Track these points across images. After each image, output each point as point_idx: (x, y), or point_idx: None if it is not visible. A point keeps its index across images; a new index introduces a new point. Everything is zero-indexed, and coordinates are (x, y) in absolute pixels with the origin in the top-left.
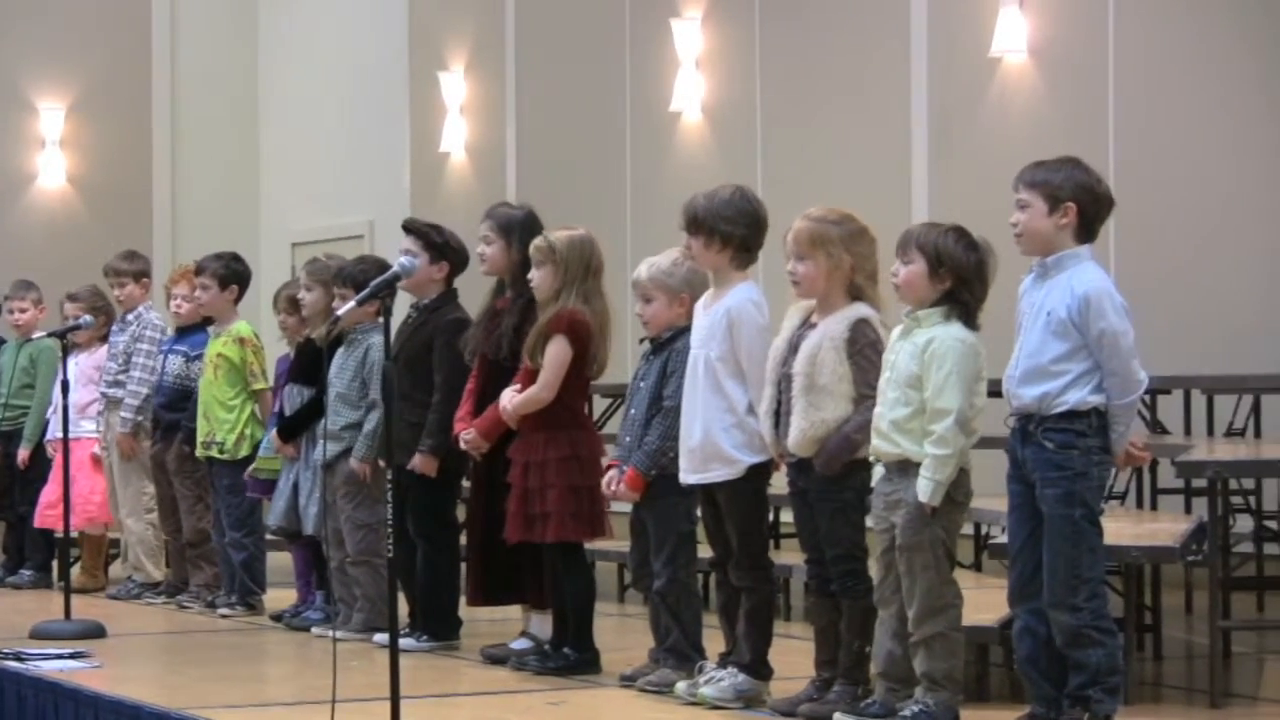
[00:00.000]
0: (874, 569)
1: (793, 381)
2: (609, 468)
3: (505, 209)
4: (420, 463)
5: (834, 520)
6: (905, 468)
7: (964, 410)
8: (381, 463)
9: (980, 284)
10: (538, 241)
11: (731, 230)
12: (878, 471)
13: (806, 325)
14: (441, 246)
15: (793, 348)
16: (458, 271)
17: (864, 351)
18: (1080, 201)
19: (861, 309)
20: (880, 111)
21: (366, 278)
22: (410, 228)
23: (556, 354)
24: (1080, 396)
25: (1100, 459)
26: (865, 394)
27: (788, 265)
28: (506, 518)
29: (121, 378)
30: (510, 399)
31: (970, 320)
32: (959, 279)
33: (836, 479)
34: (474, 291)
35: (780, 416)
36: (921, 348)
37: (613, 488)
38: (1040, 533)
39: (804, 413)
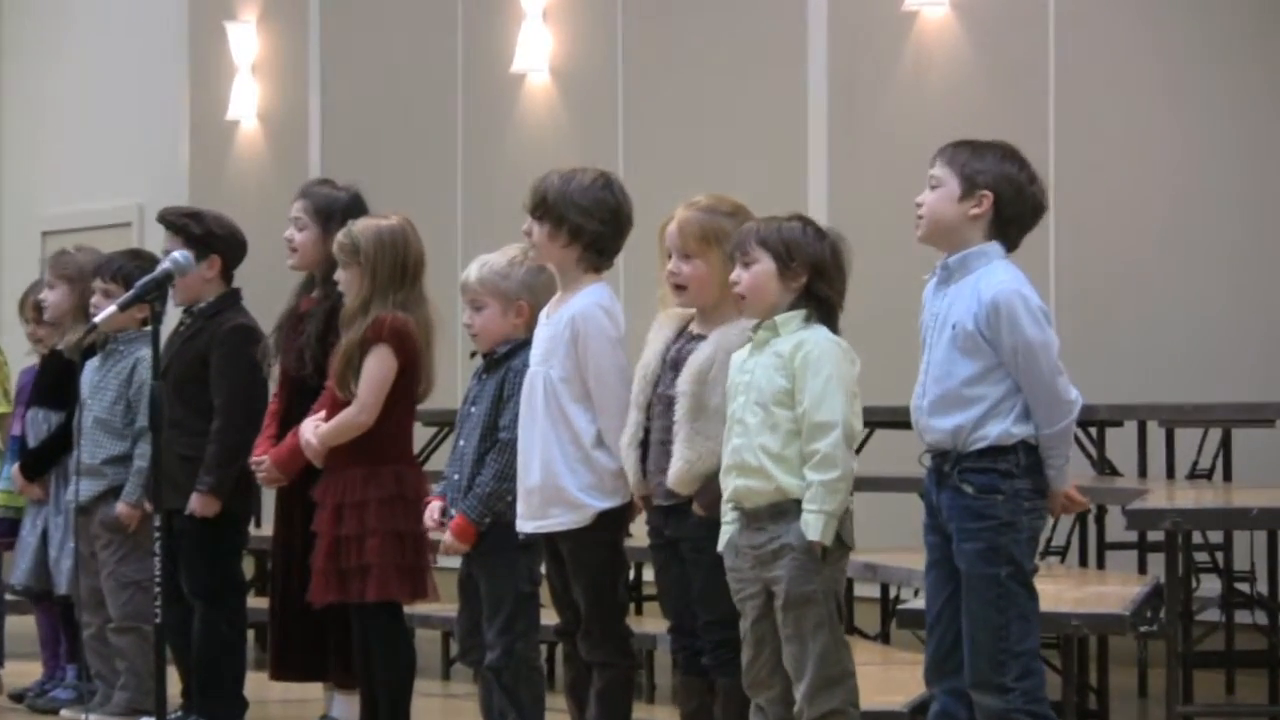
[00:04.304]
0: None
1: (674, 404)
2: (428, 503)
3: (326, 189)
4: (198, 504)
5: (712, 577)
6: (783, 509)
7: (849, 424)
8: (149, 506)
9: (839, 275)
10: (340, 237)
11: (583, 224)
12: (726, 529)
13: (686, 337)
14: (204, 238)
15: (670, 365)
16: (234, 264)
17: None
18: (1000, 193)
19: None
20: (770, 76)
21: (142, 275)
22: (164, 221)
23: (378, 368)
24: (1003, 428)
25: (1032, 505)
26: None
27: (669, 264)
28: (311, 574)
29: None
30: (313, 430)
31: (833, 321)
32: (815, 272)
33: (716, 525)
34: (267, 288)
35: (649, 448)
36: (789, 355)
37: (439, 526)
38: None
39: (689, 441)
